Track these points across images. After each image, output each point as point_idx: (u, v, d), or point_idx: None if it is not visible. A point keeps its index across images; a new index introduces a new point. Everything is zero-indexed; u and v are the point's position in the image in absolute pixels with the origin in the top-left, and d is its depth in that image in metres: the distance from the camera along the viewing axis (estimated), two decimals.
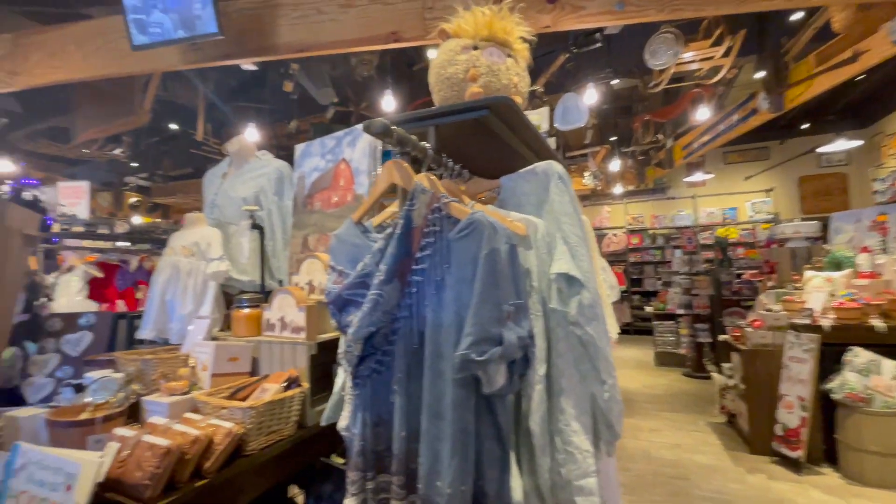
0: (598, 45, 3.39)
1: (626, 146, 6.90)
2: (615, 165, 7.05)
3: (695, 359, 5.80)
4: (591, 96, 4.13)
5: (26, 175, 4.36)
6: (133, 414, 1.22)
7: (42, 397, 1.37)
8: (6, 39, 2.83)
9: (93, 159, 5.69)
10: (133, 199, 6.54)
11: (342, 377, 1.27)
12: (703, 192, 8.87)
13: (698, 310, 5.83)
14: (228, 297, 1.82)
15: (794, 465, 3.09)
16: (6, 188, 3.41)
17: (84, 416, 1.11)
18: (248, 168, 1.99)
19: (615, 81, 4.31)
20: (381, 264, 0.89)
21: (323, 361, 1.45)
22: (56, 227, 3.22)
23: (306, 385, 1.33)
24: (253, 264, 1.79)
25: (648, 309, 7.03)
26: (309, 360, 1.37)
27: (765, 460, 3.25)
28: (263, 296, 1.65)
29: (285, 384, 1.25)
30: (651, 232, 9.55)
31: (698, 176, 8.03)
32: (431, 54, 4.09)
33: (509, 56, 1.15)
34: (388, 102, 3.85)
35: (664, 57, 3.42)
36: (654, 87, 4.58)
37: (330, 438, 1.43)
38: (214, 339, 1.52)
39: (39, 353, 1.45)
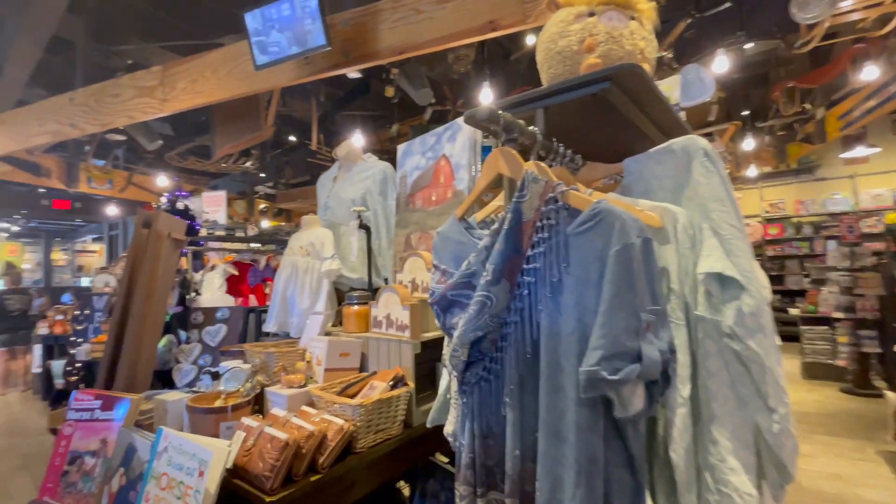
0: (728, 4, 2.92)
1: (761, 121, 5.92)
2: (748, 144, 6.10)
3: (858, 372, 4.78)
4: (718, 66, 3.59)
5: (179, 188, 5.17)
6: (258, 402, 1.31)
7: (187, 382, 1.56)
8: (157, 72, 3.34)
9: (229, 172, 6.55)
10: (262, 206, 7.41)
11: (447, 378, 1.23)
12: (866, 171, 7.28)
13: (863, 313, 4.78)
14: (340, 293, 1.90)
15: None
16: (164, 199, 4.06)
17: (218, 403, 1.22)
18: (355, 171, 2.06)
19: (749, 45, 3.68)
20: (487, 263, 0.81)
21: (426, 360, 1.43)
22: (203, 232, 3.74)
23: (412, 385, 1.31)
24: (361, 262, 1.84)
25: (794, 311, 5.97)
26: (413, 358, 1.36)
27: None
28: (371, 293, 1.68)
29: (392, 383, 1.24)
30: (795, 220, 8.11)
31: (859, 150, 6.58)
32: (530, 40, 3.91)
33: (632, 19, 0.99)
34: (486, 95, 3.78)
35: (817, 8, 2.82)
36: (801, 46, 3.82)
37: (435, 439, 1.40)
38: (328, 334, 1.59)
39: (186, 343, 1.66)
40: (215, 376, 1.42)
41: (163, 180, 5.59)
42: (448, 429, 1.10)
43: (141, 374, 1.63)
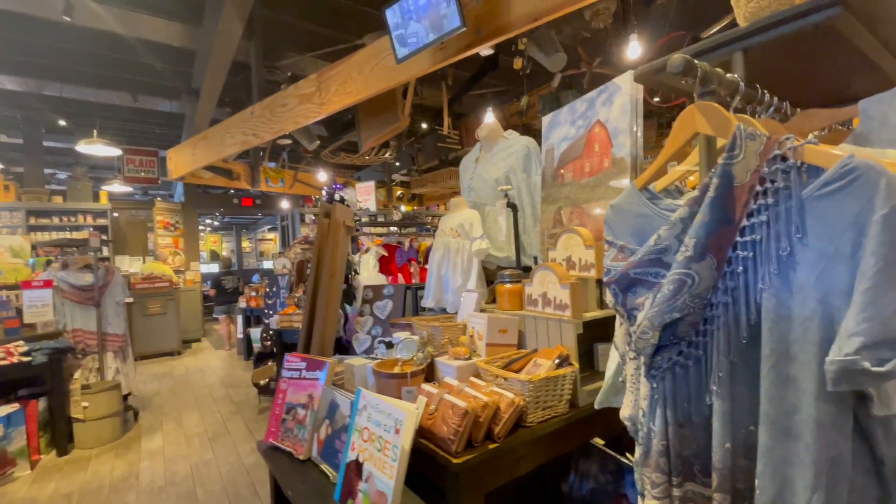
0: None
1: None
2: None
3: None
4: None
5: (334, 181, 5.86)
6: (428, 370, 1.43)
7: (363, 349, 1.77)
8: (313, 79, 3.76)
9: (371, 164, 7.17)
10: (398, 192, 7.99)
11: (616, 360, 1.17)
12: None
13: None
14: (487, 272, 1.95)
15: None
16: (324, 193, 4.63)
17: (397, 369, 1.36)
18: (497, 150, 2.07)
19: None
20: (686, 237, 0.73)
21: (585, 339, 1.38)
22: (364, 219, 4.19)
23: (576, 364, 1.28)
24: (508, 241, 1.85)
25: None
26: (576, 338, 1.32)
27: None
28: (521, 271, 1.68)
29: (557, 361, 1.23)
30: None
31: None
32: None
33: None
34: (634, 49, 3.42)
35: None
36: None
37: (598, 421, 1.36)
38: (482, 311, 1.64)
39: (360, 316, 1.89)
40: (389, 346, 1.58)
41: (322, 176, 6.40)
42: (625, 412, 1.05)
43: (328, 340, 1.91)
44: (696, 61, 0.74)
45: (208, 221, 14.25)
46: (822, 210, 0.58)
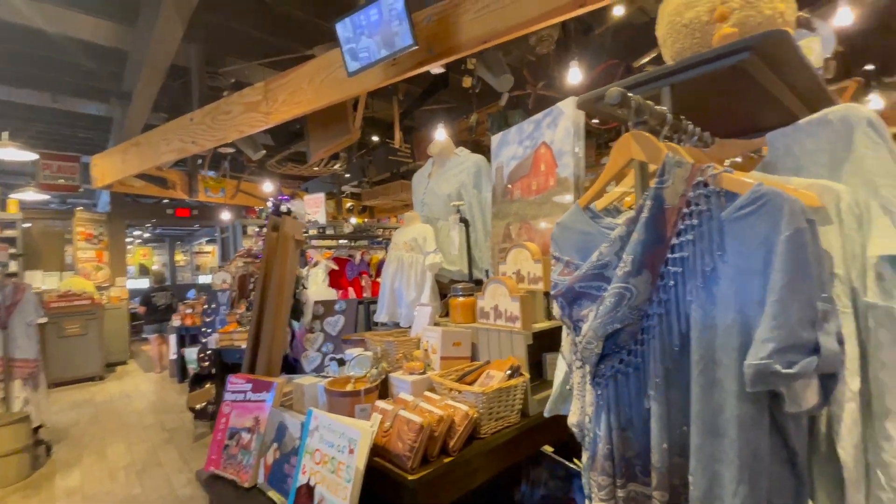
0: None
1: (888, 75, 5.04)
2: (874, 103, 5.24)
3: None
4: (840, 18, 3.12)
5: (280, 192, 5.67)
6: (382, 386, 1.41)
7: (314, 368, 1.72)
8: (260, 87, 3.66)
9: (320, 175, 7.02)
10: (349, 205, 7.87)
11: (563, 369, 1.23)
12: None
13: None
14: (440, 285, 1.97)
15: None
16: (269, 204, 4.47)
17: (350, 387, 1.34)
18: (449, 166, 2.11)
19: None
20: (624, 253, 0.80)
21: (534, 350, 1.44)
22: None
23: (527, 374, 1.33)
24: (460, 255, 1.89)
25: None
26: (526, 349, 1.37)
27: None
28: (474, 284, 1.72)
29: (509, 372, 1.27)
30: None
31: None
32: (618, 10, 3.69)
33: None
34: (574, 75, 3.64)
35: None
36: None
37: (548, 429, 1.41)
38: (436, 324, 1.66)
39: (310, 332, 1.84)
40: (341, 363, 1.55)
41: (267, 186, 6.17)
42: (572, 419, 1.10)
43: (275, 359, 1.84)
44: (630, 94, 0.82)
45: (137, 233, 13.23)
46: (738, 231, 0.66)
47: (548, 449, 1.75)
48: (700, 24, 0.93)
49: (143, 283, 9.94)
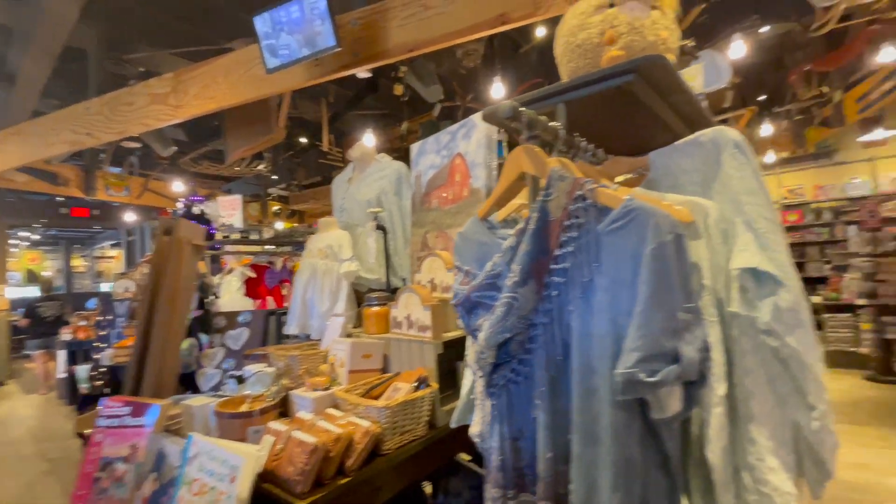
0: None
1: (777, 105, 5.79)
2: (765, 130, 5.97)
3: (882, 359, 4.69)
4: (735, 51, 3.51)
5: (194, 193, 5.26)
6: (283, 405, 1.32)
7: (212, 386, 1.58)
8: (169, 79, 3.37)
9: (243, 175, 6.62)
10: (275, 208, 7.49)
11: (470, 379, 1.22)
12: (885, 153, 7.08)
13: (886, 299, 4.68)
14: (358, 294, 1.91)
15: None
16: (180, 205, 4.11)
17: (244, 407, 1.23)
18: (369, 172, 2.06)
19: (764, 29, 3.59)
20: (513, 264, 0.80)
21: (447, 360, 1.43)
22: (219, 236, 3.78)
23: (435, 385, 1.31)
24: (379, 263, 1.84)
25: (815, 299, 5.85)
26: (436, 359, 1.35)
27: None
28: (390, 293, 1.68)
29: (416, 384, 1.24)
30: (814, 206, 7.94)
31: (878, 133, 6.40)
32: (540, 32, 3.87)
33: (654, 8, 0.96)
34: (497, 90, 3.75)
35: None
36: (817, 29, 3.72)
37: (460, 439, 1.40)
38: (349, 335, 1.59)
39: (209, 348, 1.68)
40: (240, 380, 1.43)
41: (178, 186, 5.67)
42: (474, 429, 1.09)
43: (167, 378, 1.66)
44: (522, 108, 0.83)
45: (24, 234, 11.59)
46: (612, 243, 0.68)
47: (465, 458, 1.74)
48: (592, 45, 0.97)
49: (34, 292, 8.70)
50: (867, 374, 4.83)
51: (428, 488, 1.79)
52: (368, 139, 4.72)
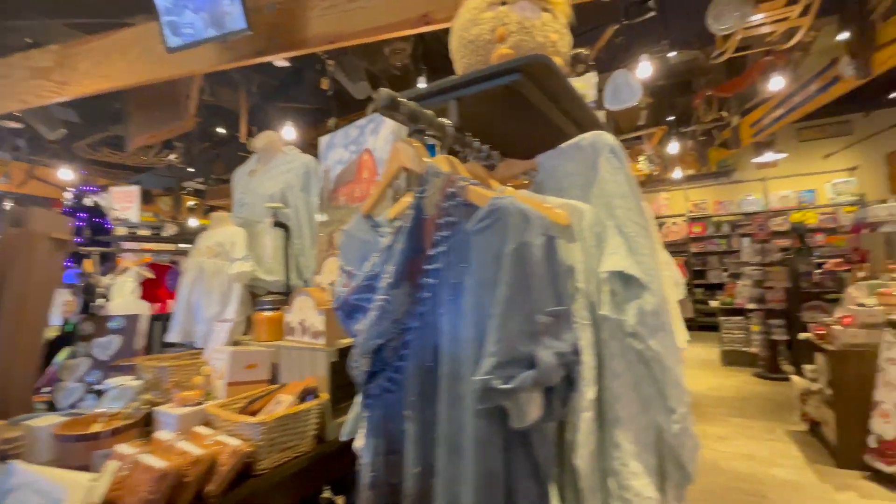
0: (653, 13, 3.05)
1: (685, 126, 6.34)
2: (673, 148, 6.51)
3: (768, 358, 5.24)
4: (644, 72, 3.77)
5: (87, 182, 4.68)
6: (148, 423, 1.16)
7: (71, 402, 1.36)
8: (54, 51, 2.97)
9: (153, 166, 6.02)
10: (190, 203, 6.90)
11: None
12: (775, 174, 8.04)
13: (772, 304, 5.24)
14: (256, 298, 1.76)
15: (890, 482, 2.67)
16: (69, 195, 3.63)
17: (95, 428, 1.06)
18: (275, 164, 1.92)
19: (672, 54, 3.90)
20: (388, 264, 0.75)
21: (344, 368, 1.34)
22: (123, 231, 3.38)
23: (326, 396, 1.21)
24: (278, 264, 1.71)
25: (714, 303, 6.45)
26: (329, 367, 1.26)
27: (855, 475, 2.82)
28: (287, 297, 1.56)
29: (301, 396, 1.14)
30: (715, 219, 8.81)
31: (769, 156, 7.27)
32: None
33: (545, 10, 0.96)
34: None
35: (730, 20, 3.02)
36: (717, 57, 4.11)
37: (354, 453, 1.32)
38: (237, 343, 1.45)
39: (70, 359, 1.46)
40: (100, 395, 1.25)
41: (67, 174, 5.01)
42: (358, 444, 1.02)
43: (16, 395, 1.41)
44: (402, 99, 0.78)
45: None
46: (478, 243, 0.65)
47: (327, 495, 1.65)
48: (483, 41, 0.95)
49: None
50: (756, 371, 5.38)
51: (340, 501, 1.68)
52: (288, 132, 4.48)
